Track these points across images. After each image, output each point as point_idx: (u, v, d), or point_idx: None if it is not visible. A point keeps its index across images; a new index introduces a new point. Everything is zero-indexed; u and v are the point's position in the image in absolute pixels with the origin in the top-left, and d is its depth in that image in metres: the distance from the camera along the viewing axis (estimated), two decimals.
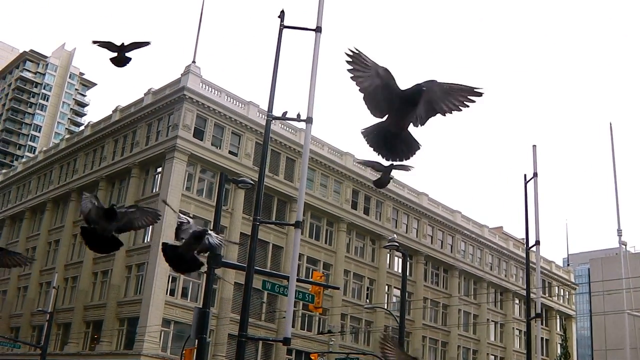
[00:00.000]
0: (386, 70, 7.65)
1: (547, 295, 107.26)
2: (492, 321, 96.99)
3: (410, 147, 8.23)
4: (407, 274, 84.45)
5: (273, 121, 63.13)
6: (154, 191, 66.86)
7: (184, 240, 10.15)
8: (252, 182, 27.20)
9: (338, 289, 68.78)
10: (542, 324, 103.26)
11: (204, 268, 59.34)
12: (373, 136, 8.14)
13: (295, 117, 18.06)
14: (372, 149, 8.18)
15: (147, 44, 12.84)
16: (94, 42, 13.10)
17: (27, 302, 79.07)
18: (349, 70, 7.76)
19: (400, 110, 7.77)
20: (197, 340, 22.38)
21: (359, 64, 7.73)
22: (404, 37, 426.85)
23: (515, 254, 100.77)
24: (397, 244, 37.17)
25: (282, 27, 18.67)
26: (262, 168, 17.43)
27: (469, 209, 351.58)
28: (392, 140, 8.12)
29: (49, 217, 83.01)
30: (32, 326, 77.62)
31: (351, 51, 7.66)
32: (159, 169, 67.30)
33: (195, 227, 9.98)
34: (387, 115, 7.94)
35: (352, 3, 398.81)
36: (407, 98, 7.64)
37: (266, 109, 18.58)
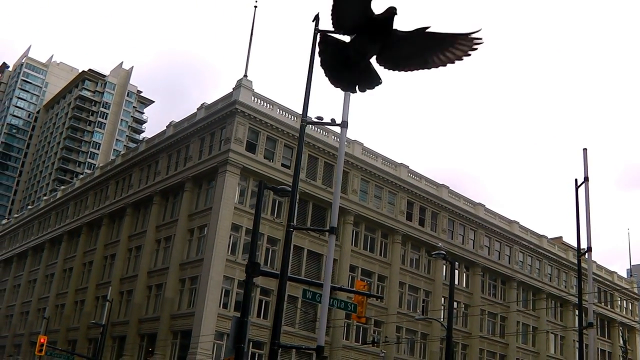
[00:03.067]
0: None
1: (608, 306, 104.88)
2: (552, 333, 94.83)
3: (366, 81, 7.54)
4: (464, 285, 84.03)
5: (327, 134, 62.52)
6: (206, 205, 67.02)
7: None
8: (290, 190, 26.73)
9: (382, 298, 67.97)
10: (604, 336, 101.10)
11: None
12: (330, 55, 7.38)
13: (332, 121, 17.59)
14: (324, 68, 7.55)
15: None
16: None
17: (84, 316, 79.90)
18: None
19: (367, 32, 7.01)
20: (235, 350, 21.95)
21: None
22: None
23: (576, 265, 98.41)
24: (444, 252, 36.50)
25: (317, 31, 18.31)
26: (297, 173, 17.02)
27: (527, 219, 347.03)
28: (347, 69, 7.43)
29: (105, 231, 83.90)
30: (88, 339, 78.35)
31: None
32: (212, 183, 67.43)
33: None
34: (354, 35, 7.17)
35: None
36: (378, 21, 6.88)
37: (318, 120, 18.21)
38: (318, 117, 18.36)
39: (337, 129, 18.59)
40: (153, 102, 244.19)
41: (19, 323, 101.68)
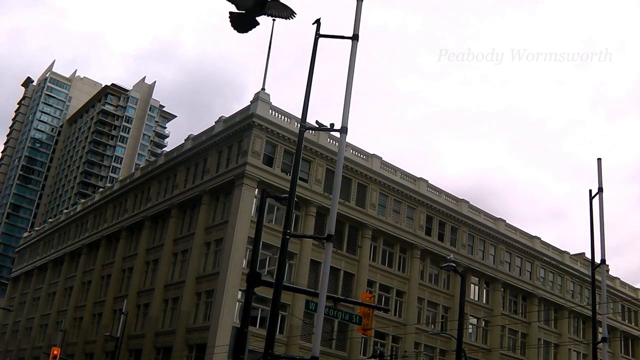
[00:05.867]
0: None
1: (632, 323, 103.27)
2: (575, 351, 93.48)
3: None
4: (485, 301, 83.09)
5: (347, 149, 62.06)
6: (223, 218, 66.70)
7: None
8: (295, 200, 26.21)
9: (388, 310, 67.09)
10: (627, 354, 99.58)
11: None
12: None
13: (331, 127, 17.21)
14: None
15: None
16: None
17: (102, 329, 79.75)
18: None
19: None
20: None
21: None
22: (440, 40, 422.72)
23: (598, 281, 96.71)
24: (454, 265, 35.87)
25: (318, 35, 18.12)
26: (294, 179, 16.59)
27: (550, 234, 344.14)
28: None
29: (123, 245, 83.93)
30: (105, 352, 78.15)
31: None
32: (229, 196, 67.12)
33: None
34: None
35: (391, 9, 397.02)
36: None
37: (338, 134, 17.89)
38: (318, 123, 18.00)
39: (355, 143, 18.14)
40: (175, 116, 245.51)
41: (38, 335, 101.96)
